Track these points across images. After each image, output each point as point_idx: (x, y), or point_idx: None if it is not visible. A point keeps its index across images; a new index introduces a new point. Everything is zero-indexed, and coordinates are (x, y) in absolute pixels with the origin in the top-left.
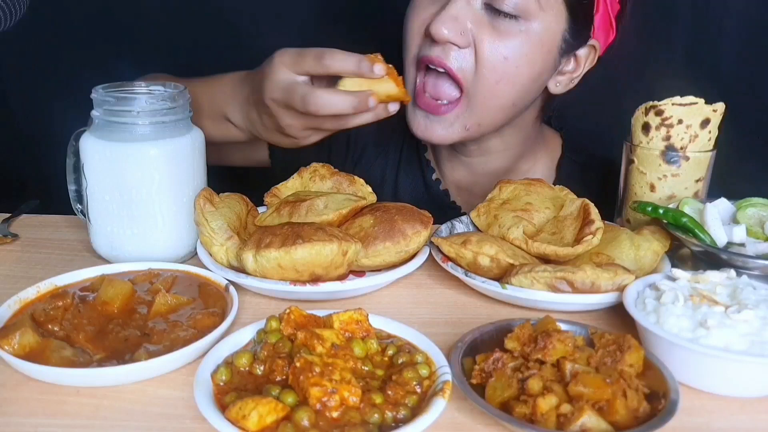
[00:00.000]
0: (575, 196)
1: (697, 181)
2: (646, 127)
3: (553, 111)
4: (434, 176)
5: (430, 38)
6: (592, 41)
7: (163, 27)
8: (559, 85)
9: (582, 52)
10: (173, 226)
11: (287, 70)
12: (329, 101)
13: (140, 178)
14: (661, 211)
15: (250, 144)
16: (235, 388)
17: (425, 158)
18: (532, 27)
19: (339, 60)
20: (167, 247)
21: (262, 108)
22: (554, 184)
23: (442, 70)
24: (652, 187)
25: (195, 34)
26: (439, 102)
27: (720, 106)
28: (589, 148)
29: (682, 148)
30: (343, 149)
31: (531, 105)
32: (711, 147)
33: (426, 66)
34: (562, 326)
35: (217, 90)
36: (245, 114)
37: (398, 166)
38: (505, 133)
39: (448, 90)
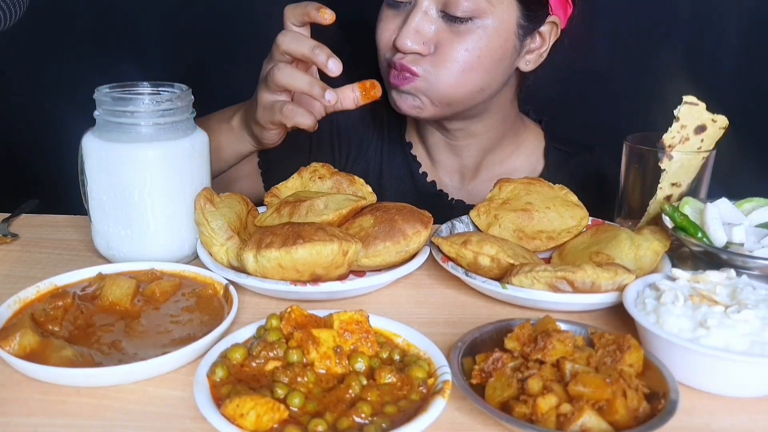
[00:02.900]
0: (575, 197)
1: (673, 185)
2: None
3: (527, 92)
4: (421, 170)
5: (396, 48)
6: (551, 18)
7: (167, 26)
8: (529, 63)
9: (545, 29)
10: (167, 229)
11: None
12: (285, 72)
13: (132, 179)
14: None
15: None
16: (230, 381)
17: (411, 154)
18: (486, 23)
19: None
20: (162, 249)
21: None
22: (543, 172)
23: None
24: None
25: (197, 34)
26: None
27: (721, 119)
28: (570, 138)
29: (670, 146)
30: (329, 159)
31: (505, 86)
32: (699, 157)
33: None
34: (562, 326)
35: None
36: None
37: (381, 166)
38: (484, 115)
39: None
